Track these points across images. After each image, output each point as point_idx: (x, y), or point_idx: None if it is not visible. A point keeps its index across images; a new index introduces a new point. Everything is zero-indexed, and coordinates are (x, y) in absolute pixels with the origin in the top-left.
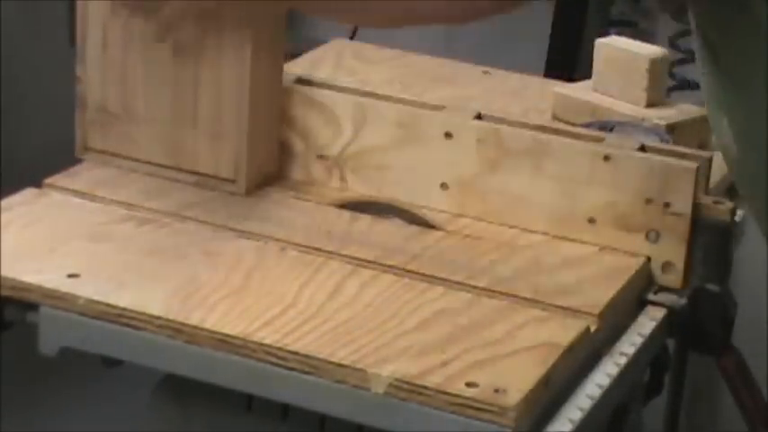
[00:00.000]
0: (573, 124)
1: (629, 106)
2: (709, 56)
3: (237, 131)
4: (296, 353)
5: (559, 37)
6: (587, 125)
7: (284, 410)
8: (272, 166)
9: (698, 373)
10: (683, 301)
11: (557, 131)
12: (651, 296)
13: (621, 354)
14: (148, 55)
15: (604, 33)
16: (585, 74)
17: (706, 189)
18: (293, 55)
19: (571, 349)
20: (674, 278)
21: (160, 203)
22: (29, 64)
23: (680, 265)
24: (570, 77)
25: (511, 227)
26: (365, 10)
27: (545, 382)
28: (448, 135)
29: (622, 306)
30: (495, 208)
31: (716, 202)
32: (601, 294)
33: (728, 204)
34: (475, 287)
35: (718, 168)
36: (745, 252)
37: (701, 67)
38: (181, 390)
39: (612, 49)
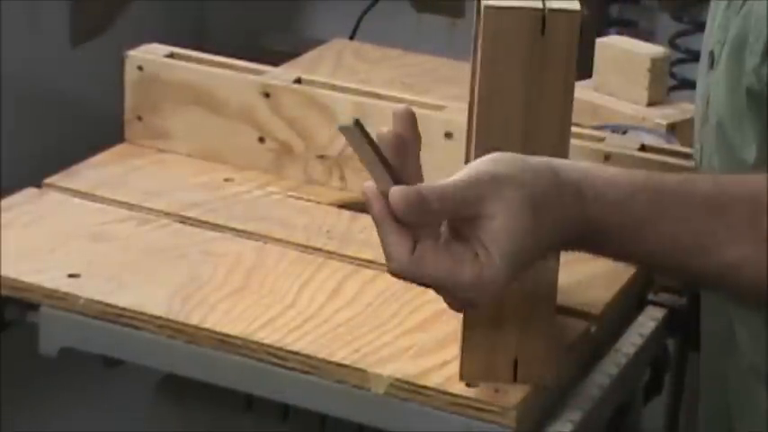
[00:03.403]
0: (575, 124)
1: (630, 105)
2: None
3: None
4: (296, 353)
5: None
6: (599, 128)
7: (284, 410)
8: None
9: (698, 372)
10: (683, 301)
11: None
12: (651, 296)
13: (621, 354)
14: None
15: (604, 33)
16: (586, 74)
17: None
18: (293, 55)
19: (571, 349)
20: None
21: (160, 203)
22: (29, 64)
23: None
24: None
25: None
26: None
27: (545, 382)
28: (448, 135)
29: (622, 306)
30: None
31: None
32: (601, 294)
33: None
34: None
35: None
36: None
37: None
38: (181, 390)
39: (613, 48)
